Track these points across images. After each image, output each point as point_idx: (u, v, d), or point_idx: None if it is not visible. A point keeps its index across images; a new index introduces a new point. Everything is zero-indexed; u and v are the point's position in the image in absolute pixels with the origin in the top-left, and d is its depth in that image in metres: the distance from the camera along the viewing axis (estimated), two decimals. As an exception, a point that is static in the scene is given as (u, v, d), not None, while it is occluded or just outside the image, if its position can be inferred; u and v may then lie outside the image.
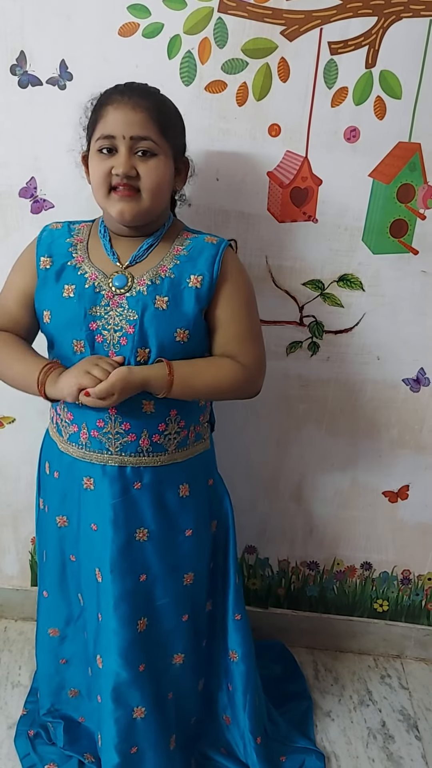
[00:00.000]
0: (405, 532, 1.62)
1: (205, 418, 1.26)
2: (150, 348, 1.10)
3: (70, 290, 1.12)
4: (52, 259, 1.15)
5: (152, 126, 1.06)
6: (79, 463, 1.18)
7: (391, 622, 1.70)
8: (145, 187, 1.07)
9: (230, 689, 1.34)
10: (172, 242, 1.14)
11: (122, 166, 1.05)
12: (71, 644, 1.33)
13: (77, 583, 1.27)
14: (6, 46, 1.26)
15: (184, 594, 1.24)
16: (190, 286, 1.11)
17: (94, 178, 1.09)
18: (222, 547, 1.31)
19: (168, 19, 1.23)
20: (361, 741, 1.49)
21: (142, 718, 1.21)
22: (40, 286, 1.16)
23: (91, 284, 1.12)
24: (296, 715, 1.51)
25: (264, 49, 1.24)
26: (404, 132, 1.29)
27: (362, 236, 1.37)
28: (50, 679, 1.38)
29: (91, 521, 1.20)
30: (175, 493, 1.20)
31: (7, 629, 1.71)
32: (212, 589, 1.31)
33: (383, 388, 1.49)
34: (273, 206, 1.35)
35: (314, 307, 1.43)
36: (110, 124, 1.06)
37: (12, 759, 1.38)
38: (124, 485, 1.16)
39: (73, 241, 1.17)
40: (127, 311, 1.10)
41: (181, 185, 1.18)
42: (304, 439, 1.54)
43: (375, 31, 1.23)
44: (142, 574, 1.20)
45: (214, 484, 1.29)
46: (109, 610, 1.18)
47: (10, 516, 1.65)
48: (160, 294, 1.10)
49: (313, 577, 1.67)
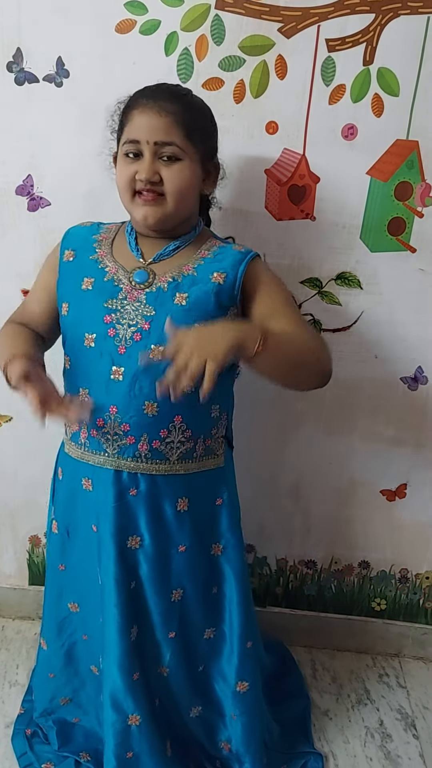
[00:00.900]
0: (403, 530, 1.62)
1: (219, 432, 1.21)
2: (165, 345, 1.05)
3: (89, 283, 1.12)
4: (75, 253, 1.16)
5: (177, 131, 1.05)
6: (79, 464, 1.18)
7: (389, 621, 1.70)
8: (169, 191, 1.06)
9: (234, 718, 1.30)
10: (200, 247, 1.14)
11: (145, 171, 1.05)
12: (93, 620, 1.26)
13: (70, 591, 1.27)
14: (2, 42, 1.26)
15: (171, 610, 1.21)
16: (211, 281, 1.09)
17: (120, 182, 1.10)
18: (227, 573, 1.25)
19: (165, 16, 1.22)
20: (358, 740, 1.48)
21: (137, 725, 1.19)
22: (61, 279, 1.16)
23: (110, 278, 1.11)
24: (294, 715, 1.51)
25: (261, 47, 1.24)
26: (402, 129, 1.29)
27: (360, 234, 1.36)
28: (71, 660, 1.34)
29: (91, 522, 1.19)
30: (172, 506, 1.17)
31: (5, 628, 1.71)
32: (215, 617, 1.26)
33: (381, 386, 1.49)
34: (271, 204, 1.35)
35: (312, 306, 1.42)
36: (135, 128, 1.06)
37: (9, 758, 1.38)
38: (119, 490, 1.15)
39: (99, 238, 1.17)
40: (144, 306, 1.09)
41: (211, 188, 1.16)
42: (301, 437, 1.54)
43: (372, 28, 1.23)
44: (132, 581, 1.19)
45: (223, 505, 1.23)
46: (109, 615, 1.18)
47: (7, 515, 1.65)
48: (181, 291, 1.09)
49: (311, 575, 1.67)
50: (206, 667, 1.28)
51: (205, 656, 1.28)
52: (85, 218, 1.25)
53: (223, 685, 1.29)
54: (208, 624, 1.26)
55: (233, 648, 1.26)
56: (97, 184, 1.33)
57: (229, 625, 1.26)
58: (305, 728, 1.49)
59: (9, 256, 1.41)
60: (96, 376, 1.12)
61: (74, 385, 1.16)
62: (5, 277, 1.42)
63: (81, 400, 1.12)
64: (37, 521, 1.64)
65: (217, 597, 1.25)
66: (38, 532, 1.66)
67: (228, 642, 1.27)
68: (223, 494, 1.24)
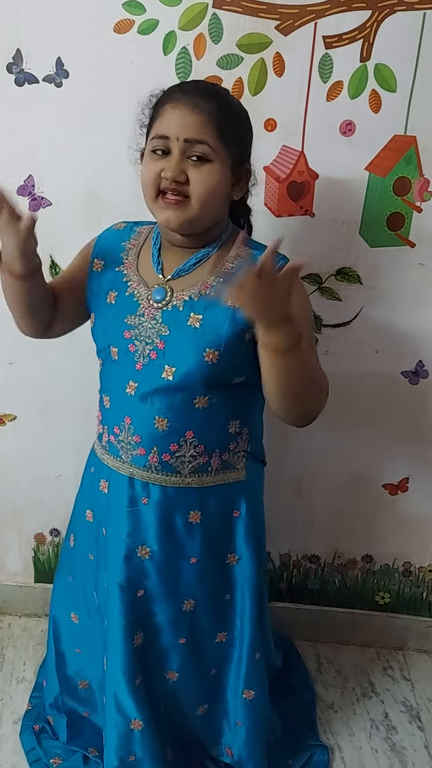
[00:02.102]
0: (405, 524, 1.62)
1: (239, 447, 1.18)
2: (176, 366, 1.06)
3: (113, 297, 1.12)
4: (104, 264, 1.15)
5: (210, 130, 0.99)
6: (101, 465, 1.19)
7: (392, 615, 1.71)
8: (194, 194, 1.01)
9: (239, 725, 1.29)
10: (225, 257, 1.09)
11: (172, 169, 0.99)
12: (88, 634, 1.31)
13: (93, 581, 1.27)
14: (2, 44, 1.27)
15: (182, 619, 1.20)
16: (227, 305, 1.02)
17: (144, 179, 1.04)
18: (241, 583, 1.23)
19: (163, 16, 1.23)
20: (364, 732, 1.49)
21: (140, 730, 1.19)
22: (90, 287, 1.16)
23: (131, 293, 1.10)
24: (299, 709, 1.52)
25: (259, 44, 1.25)
26: (400, 125, 1.30)
27: (359, 230, 1.37)
28: (64, 666, 1.37)
29: (102, 525, 1.20)
30: (183, 518, 1.16)
31: (11, 625, 1.72)
32: (227, 623, 1.25)
33: (382, 381, 1.49)
34: (270, 201, 1.36)
35: (313, 302, 1.40)
36: (165, 123, 1.01)
37: (17, 753, 1.39)
38: (131, 497, 1.15)
39: (127, 246, 1.15)
40: (160, 325, 1.08)
41: (240, 194, 1.09)
42: (303, 433, 1.53)
43: (369, 25, 1.24)
44: (140, 589, 1.18)
45: (239, 517, 1.21)
46: (111, 619, 1.18)
47: (12, 513, 1.66)
48: (195, 311, 1.06)
49: (315, 570, 1.68)
50: (218, 671, 1.27)
51: (216, 660, 1.27)
52: (86, 218, 1.27)
53: (231, 690, 1.28)
54: (220, 628, 1.25)
55: (242, 656, 1.25)
56: (98, 183, 1.34)
57: (240, 632, 1.25)
58: (311, 722, 1.50)
59: (11, 256, 1.42)
60: (115, 387, 1.14)
61: (102, 389, 1.19)
62: (7, 276, 1.43)
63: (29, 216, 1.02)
64: (42, 519, 1.66)
65: (229, 603, 1.24)
66: (43, 530, 1.67)
67: (237, 648, 1.25)
68: (240, 507, 1.21)
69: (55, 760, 1.36)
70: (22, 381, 1.52)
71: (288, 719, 1.47)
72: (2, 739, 1.42)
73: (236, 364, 1.08)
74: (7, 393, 1.54)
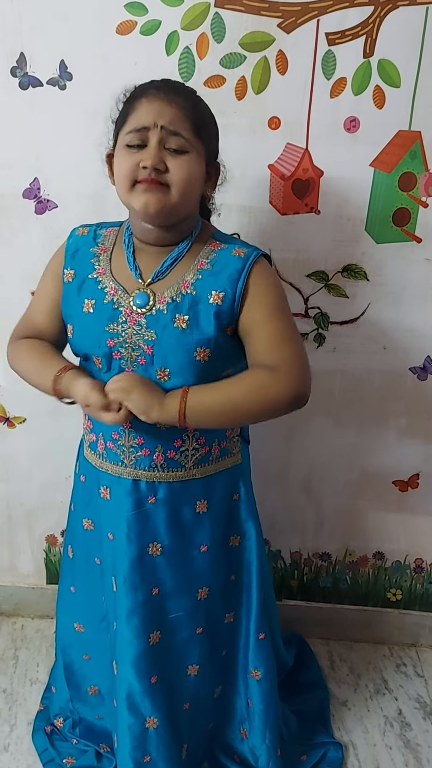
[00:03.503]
0: (416, 520, 1.62)
1: (234, 433, 1.21)
2: (168, 368, 1.06)
3: (90, 305, 1.09)
4: (74, 272, 1.12)
5: (186, 123, 1.00)
6: (98, 472, 1.19)
7: (404, 611, 1.70)
8: (174, 181, 1.00)
9: (250, 705, 1.31)
10: (198, 253, 1.09)
11: (151, 158, 0.99)
12: (95, 642, 1.32)
13: (102, 585, 1.27)
14: (6, 48, 1.27)
15: (198, 608, 1.22)
16: (210, 303, 1.05)
17: (119, 173, 1.03)
18: (246, 562, 1.26)
19: (165, 16, 1.24)
20: (378, 729, 1.49)
21: (155, 728, 1.19)
22: (64, 298, 1.13)
23: (110, 300, 1.08)
24: (313, 706, 1.52)
25: (262, 43, 1.25)
26: (404, 120, 1.29)
27: (365, 226, 1.37)
28: (72, 674, 1.38)
29: (108, 530, 1.20)
30: (191, 509, 1.17)
31: (24, 627, 1.73)
32: (234, 602, 1.27)
33: (390, 377, 1.49)
34: (275, 199, 1.36)
35: (319, 299, 1.43)
36: (143, 115, 1.00)
37: (32, 754, 1.39)
38: (137, 499, 1.15)
39: (97, 251, 1.12)
40: (145, 330, 1.06)
41: (212, 191, 1.12)
42: (312, 431, 1.55)
43: (372, 21, 1.23)
44: (154, 587, 1.18)
45: (239, 499, 1.24)
46: (122, 621, 1.18)
47: (23, 515, 1.67)
48: (180, 312, 1.05)
49: (326, 568, 1.68)
50: (228, 652, 1.30)
51: (227, 640, 1.29)
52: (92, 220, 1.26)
53: (241, 667, 1.31)
54: (228, 608, 1.27)
55: (249, 634, 1.28)
56: (103, 184, 1.34)
57: (246, 610, 1.27)
58: (324, 719, 1.50)
59: (18, 258, 1.43)
60: None
61: None
62: (14, 279, 1.44)
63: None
64: (53, 521, 1.66)
65: (235, 583, 1.27)
66: (55, 532, 1.68)
67: (244, 626, 1.28)
68: (240, 489, 1.24)
69: (69, 760, 1.37)
70: (30, 383, 1.52)
71: (302, 716, 1.48)
72: (18, 739, 1.43)
73: (225, 359, 1.09)
74: (16, 395, 1.55)
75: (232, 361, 1.11)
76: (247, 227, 1.37)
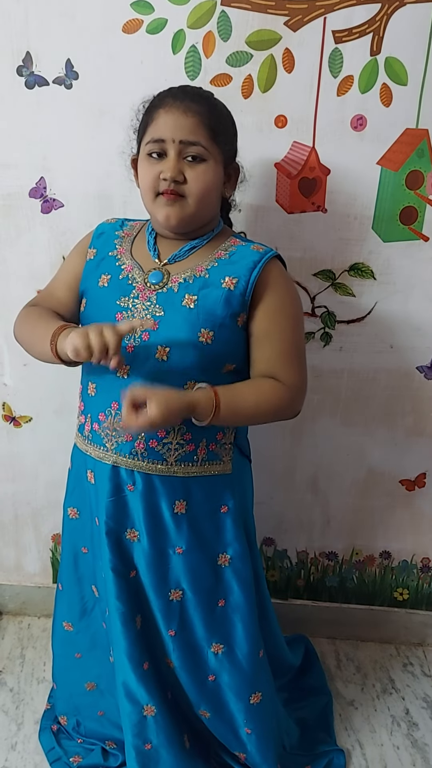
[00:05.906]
0: (423, 519, 1.62)
1: (227, 439, 1.18)
2: (170, 347, 1.08)
3: (105, 280, 1.13)
4: (97, 251, 1.17)
5: (203, 131, 1.05)
6: (85, 456, 1.20)
7: (411, 611, 1.70)
8: (191, 192, 1.06)
9: (248, 733, 1.27)
10: (218, 246, 1.13)
11: (170, 170, 1.05)
12: (84, 637, 1.32)
13: (91, 575, 1.27)
14: (12, 47, 1.27)
15: (170, 609, 1.20)
16: (222, 287, 1.08)
17: (143, 183, 1.09)
18: (240, 584, 1.22)
19: (171, 15, 1.23)
20: (385, 729, 1.49)
21: (153, 716, 1.19)
22: (85, 274, 1.18)
23: (125, 276, 1.12)
24: (315, 712, 1.50)
25: (268, 41, 1.24)
26: (411, 118, 1.29)
27: (372, 224, 1.37)
28: (67, 673, 1.38)
29: (95, 515, 1.20)
30: (169, 507, 1.16)
31: (31, 626, 1.73)
32: (223, 632, 1.22)
33: (397, 376, 1.49)
34: (281, 197, 1.35)
35: (326, 298, 1.43)
36: (161, 127, 1.06)
37: (39, 753, 1.40)
38: (116, 485, 1.15)
39: (121, 234, 1.18)
40: (154, 306, 1.09)
41: (231, 191, 1.16)
42: (318, 430, 1.54)
43: (379, 18, 1.23)
44: (132, 570, 1.19)
45: (228, 514, 1.20)
46: (112, 607, 1.18)
47: (29, 514, 1.67)
48: (190, 292, 1.09)
49: (332, 567, 1.67)
50: (217, 679, 1.25)
51: (215, 669, 1.24)
52: (98, 219, 1.26)
53: (236, 699, 1.25)
54: (216, 639, 1.23)
55: (244, 662, 1.24)
56: (109, 183, 1.34)
57: (238, 639, 1.23)
58: (328, 725, 1.48)
59: (24, 258, 1.43)
60: (104, 370, 1.10)
61: (87, 377, 1.18)
62: (21, 278, 1.44)
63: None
64: (59, 520, 1.64)
65: (224, 611, 1.22)
66: (61, 531, 1.67)
67: (238, 657, 1.24)
68: (228, 502, 1.20)
69: (75, 759, 1.37)
70: (37, 383, 1.52)
71: (304, 723, 1.46)
72: (25, 738, 1.43)
73: (230, 348, 1.11)
74: (22, 395, 1.55)
75: (237, 357, 1.12)
76: (253, 226, 1.37)
